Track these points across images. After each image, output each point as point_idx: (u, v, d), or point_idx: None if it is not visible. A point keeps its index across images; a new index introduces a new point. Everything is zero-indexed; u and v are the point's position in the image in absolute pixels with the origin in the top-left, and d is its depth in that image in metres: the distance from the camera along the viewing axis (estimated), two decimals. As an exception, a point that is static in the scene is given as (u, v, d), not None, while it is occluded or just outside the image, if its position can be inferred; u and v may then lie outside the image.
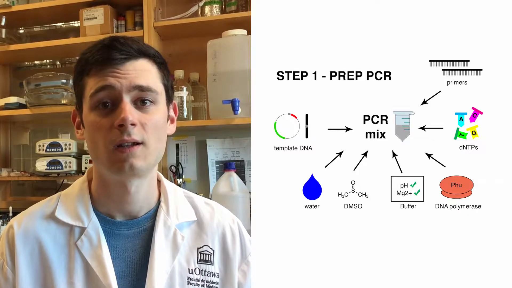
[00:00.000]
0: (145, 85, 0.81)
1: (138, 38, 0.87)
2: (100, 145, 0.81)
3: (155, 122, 0.82)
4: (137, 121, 0.80)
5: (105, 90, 0.80)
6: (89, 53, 0.84)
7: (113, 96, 0.80)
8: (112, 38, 0.83)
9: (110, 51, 0.81)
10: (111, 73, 0.80)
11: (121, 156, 0.80)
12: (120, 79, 0.80)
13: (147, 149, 0.81)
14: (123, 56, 0.81)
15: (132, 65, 0.82)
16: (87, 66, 0.83)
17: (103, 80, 0.80)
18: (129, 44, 0.82)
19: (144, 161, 0.81)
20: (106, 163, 0.82)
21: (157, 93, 0.83)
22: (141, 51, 0.83)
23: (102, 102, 0.81)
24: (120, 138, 0.79)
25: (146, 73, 0.83)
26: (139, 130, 0.80)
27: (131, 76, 0.81)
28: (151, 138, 0.82)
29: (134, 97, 0.81)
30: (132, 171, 0.81)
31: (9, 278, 0.86)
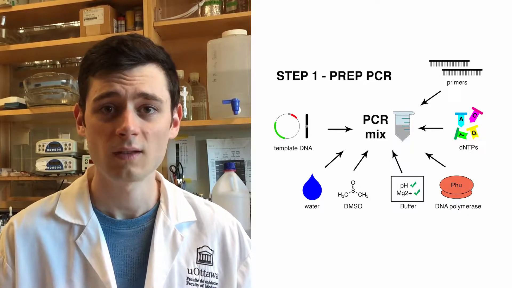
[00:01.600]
0: (151, 93, 0.80)
1: (147, 40, 0.84)
2: (99, 149, 0.81)
3: (157, 131, 0.82)
4: (139, 130, 0.79)
5: (110, 96, 0.79)
6: (96, 53, 0.82)
7: (117, 102, 0.80)
8: (120, 41, 0.80)
9: (118, 55, 0.79)
10: (117, 79, 0.79)
11: (120, 162, 0.80)
12: (126, 85, 0.79)
13: (146, 157, 0.81)
14: (130, 62, 0.79)
15: (139, 71, 0.80)
16: (93, 66, 0.81)
17: (108, 86, 0.79)
18: (137, 48, 0.80)
19: (142, 169, 0.81)
20: (105, 167, 0.82)
21: (161, 102, 0.82)
22: (150, 56, 0.81)
23: (105, 106, 0.80)
24: (121, 146, 0.79)
25: (153, 80, 0.81)
26: (140, 138, 0.80)
27: (137, 83, 0.79)
28: (152, 147, 0.81)
29: (138, 104, 0.80)
30: (129, 177, 0.81)
31: (9, 275, 0.86)
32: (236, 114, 1.88)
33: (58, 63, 2.60)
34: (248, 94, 1.87)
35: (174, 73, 0.87)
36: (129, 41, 0.81)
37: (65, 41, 2.29)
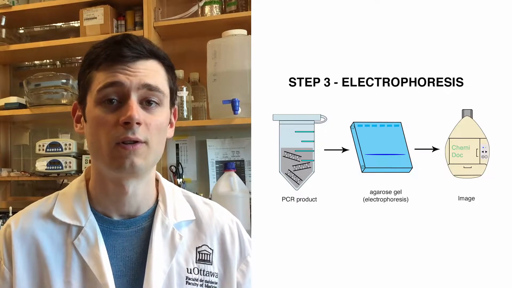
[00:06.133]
0: (154, 85, 0.82)
1: (149, 40, 0.88)
2: (102, 141, 0.81)
3: (159, 124, 0.83)
4: (143, 121, 0.81)
5: (114, 86, 0.81)
6: (100, 47, 0.84)
7: (121, 93, 0.81)
8: (125, 35, 0.84)
9: (122, 48, 0.81)
10: (121, 70, 0.81)
11: (124, 152, 0.80)
12: (130, 76, 0.81)
13: (149, 148, 0.82)
14: (134, 55, 0.82)
15: (142, 64, 0.82)
16: (97, 60, 0.83)
17: (113, 76, 0.81)
18: (142, 43, 0.83)
19: (144, 160, 0.82)
20: (107, 159, 0.82)
21: (164, 95, 0.84)
22: (153, 52, 0.84)
23: (108, 98, 0.81)
24: (125, 135, 0.79)
25: (156, 74, 0.84)
26: (143, 129, 0.81)
27: (141, 75, 0.81)
28: (154, 139, 0.82)
29: (141, 96, 0.82)
30: (132, 168, 0.81)
31: (6, 277, 0.85)
32: (236, 114, 1.88)
33: (58, 63, 2.60)
34: (248, 94, 1.87)
35: (173, 72, 0.89)
36: (134, 36, 0.84)
37: (65, 41, 2.29)
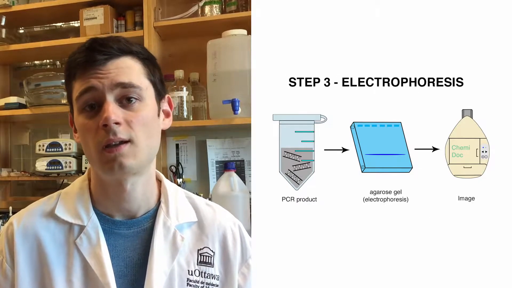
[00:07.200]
0: (127, 82, 0.82)
1: (121, 37, 0.87)
2: (90, 147, 0.82)
3: (142, 119, 0.82)
4: (122, 120, 0.80)
5: (89, 92, 0.81)
6: (72, 56, 0.85)
7: (97, 97, 0.81)
8: (92, 40, 0.84)
9: (91, 53, 0.82)
10: (93, 75, 0.81)
11: (109, 156, 0.80)
12: (102, 79, 0.81)
13: (136, 146, 0.81)
14: (104, 57, 0.82)
15: (113, 64, 0.82)
16: (72, 70, 0.84)
17: (86, 83, 0.81)
18: (109, 44, 0.83)
19: (134, 159, 0.81)
20: (98, 164, 0.83)
21: (141, 89, 0.83)
22: (122, 49, 0.84)
23: (88, 104, 0.82)
24: (107, 138, 0.79)
25: (129, 70, 0.83)
26: (125, 128, 0.80)
27: (112, 75, 0.81)
28: (140, 136, 0.82)
29: (118, 95, 0.81)
30: (122, 170, 0.81)
31: (8, 275, 0.86)
32: (236, 114, 1.88)
33: (58, 63, 2.59)
34: (248, 94, 1.86)
35: (152, 63, 0.88)
36: (101, 39, 0.84)
37: (65, 41, 2.28)
